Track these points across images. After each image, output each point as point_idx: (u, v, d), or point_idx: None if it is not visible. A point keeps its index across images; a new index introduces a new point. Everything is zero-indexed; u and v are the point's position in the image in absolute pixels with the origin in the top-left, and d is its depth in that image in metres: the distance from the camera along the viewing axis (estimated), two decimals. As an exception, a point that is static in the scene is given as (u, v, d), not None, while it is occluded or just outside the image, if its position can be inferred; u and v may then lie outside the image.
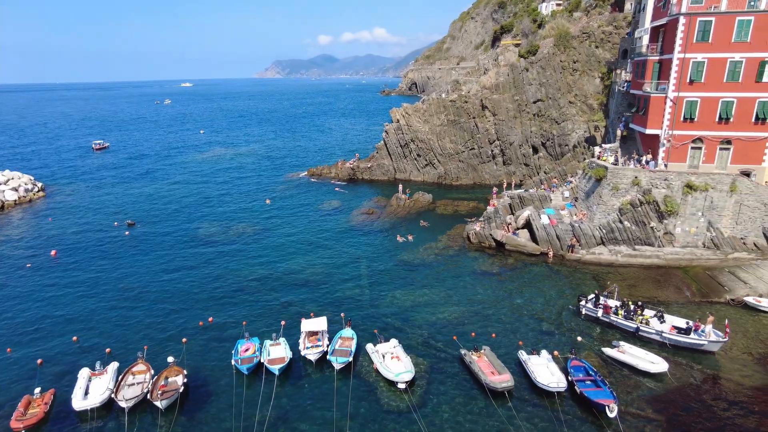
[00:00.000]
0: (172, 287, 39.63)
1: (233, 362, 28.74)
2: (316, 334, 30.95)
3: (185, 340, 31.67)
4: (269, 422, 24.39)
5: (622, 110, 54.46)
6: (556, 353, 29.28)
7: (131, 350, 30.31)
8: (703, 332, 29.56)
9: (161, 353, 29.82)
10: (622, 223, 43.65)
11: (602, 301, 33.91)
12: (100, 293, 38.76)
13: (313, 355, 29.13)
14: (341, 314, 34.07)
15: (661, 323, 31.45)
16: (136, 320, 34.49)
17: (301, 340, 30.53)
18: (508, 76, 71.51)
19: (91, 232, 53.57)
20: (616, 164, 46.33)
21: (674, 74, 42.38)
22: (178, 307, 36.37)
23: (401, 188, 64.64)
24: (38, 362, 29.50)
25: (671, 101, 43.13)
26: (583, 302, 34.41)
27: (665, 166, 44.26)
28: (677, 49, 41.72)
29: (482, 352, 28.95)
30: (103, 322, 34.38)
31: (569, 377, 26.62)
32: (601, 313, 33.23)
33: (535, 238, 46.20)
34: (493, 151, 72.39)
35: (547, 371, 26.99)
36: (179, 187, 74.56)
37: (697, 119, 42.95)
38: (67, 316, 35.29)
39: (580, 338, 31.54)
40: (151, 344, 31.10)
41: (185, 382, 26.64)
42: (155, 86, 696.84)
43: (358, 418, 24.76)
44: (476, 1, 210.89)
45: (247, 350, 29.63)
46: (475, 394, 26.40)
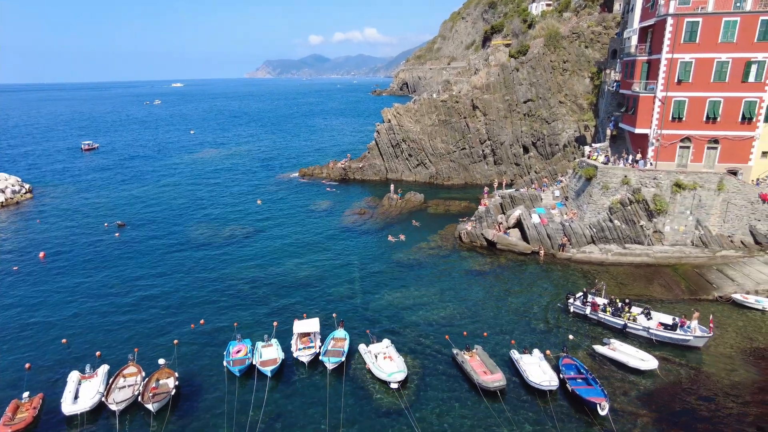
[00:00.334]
0: (162, 289, 39.34)
1: (225, 364, 28.60)
2: (308, 335, 30.88)
3: (176, 341, 31.45)
4: (262, 424, 24.30)
5: (611, 110, 54.91)
6: (548, 352, 29.46)
7: (122, 353, 30.06)
8: (688, 328, 30.03)
9: (152, 355, 29.58)
10: (612, 221, 44.01)
11: (590, 298, 34.26)
12: (89, 295, 38.38)
13: (305, 357, 29.04)
14: (333, 315, 34.05)
15: (648, 320, 31.86)
16: (126, 322, 34.19)
17: (293, 341, 30.44)
18: (498, 76, 71.82)
19: (80, 233, 53.03)
20: (606, 163, 46.70)
21: (662, 74, 42.80)
22: (169, 309, 36.12)
23: (393, 188, 64.71)
24: (26, 366, 29.12)
25: (660, 101, 43.55)
26: (571, 300, 34.78)
27: (651, 164, 44.68)
28: (665, 49, 42.13)
29: (474, 351, 29.04)
30: (92, 324, 34.05)
31: (561, 376, 26.79)
32: (589, 310, 33.59)
33: (526, 237, 46.44)
34: (484, 150, 72.66)
35: (539, 370, 27.13)
36: (169, 187, 74.04)
37: (685, 119, 43.40)
38: (55, 318, 34.90)
39: (571, 336, 31.77)
40: (142, 346, 30.86)
41: (177, 384, 26.46)
42: (146, 86, 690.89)
43: (350, 418, 24.73)
44: (467, 1, 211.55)
45: (238, 352, 29.49)
46: (467, 393, 26.48)
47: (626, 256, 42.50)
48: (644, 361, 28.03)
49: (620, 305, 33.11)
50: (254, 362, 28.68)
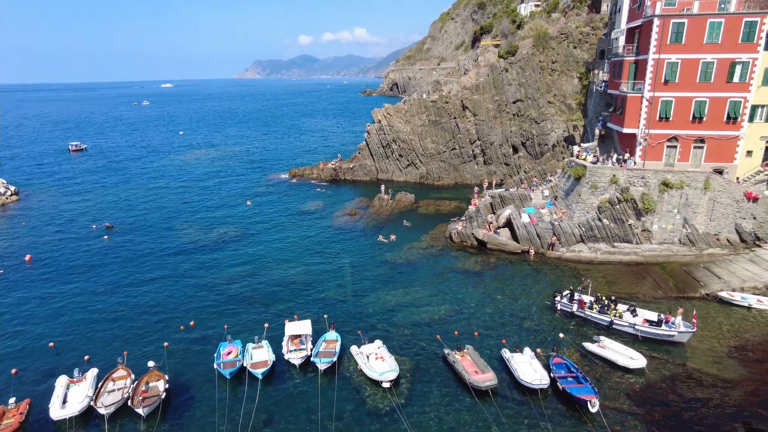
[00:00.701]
0: (152, 291, 39.00)
1: (216, 366, 28.43)
2: (299, 337, 30.78)
3: (166, 344, 31.20)
4: (253, 427, 24.19)
5: (599, 110, 55.40)
6: (538, 350, 29.65)
7: (111, 356, 29.72)
8: (673, 324, 30.48)
9: (142, 358, 29.31)
10: (600, 220, 44.39)
11: (577, 296, 34.58)
12: (77, 298, 37.93)
13: (296, 359, 28.94)
14: (324, 316, 33.98)
15: (633, 316, 32.31)
16: (115, 325, 33.85)
17: (284, 342, 30.32)
18: (488, 76, 72.14)
19: (67, 236, 52.41)
20: (594, 163, 47.10)
21: (649, 74, 43.28)
22: (158, 310, 35.82)
23: (384, 188, 64.74)
24: (13, 372, 28.72)
25: (647, 101, 44.02)
26: (558, 298, 35.10)
27: (635, 163, 45.16)
28: (652, 50, 42.60)
29: (465, 351, 29.15)
30: (81, 327, 33.66)
31: (552, 374, 26.97)
32: (575, 308, 33.93)
33: (516, 236, 46.70)
34: (473, 151, 72.94)
35: (530, 368, 27.29)
36: (158, 189, 73.41)
37: (672, 118, 43.91)
38: (43, 322, 34.46)
39: (561, 335, 31.99)
40: (131, 349, 30.56)
41: (167, 387, 26.27)
42: (135, 87, 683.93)
43: (343, 419, 24.71)
44: (456, 1, 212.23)
45: (229, 353, 29.33)
46: (459, 393, 26.57)
47: (615, 254, 42.90)
48: (633, 359, 28.33)
49: (606, 302, 33.58)
50: (245, 364, 28.53)
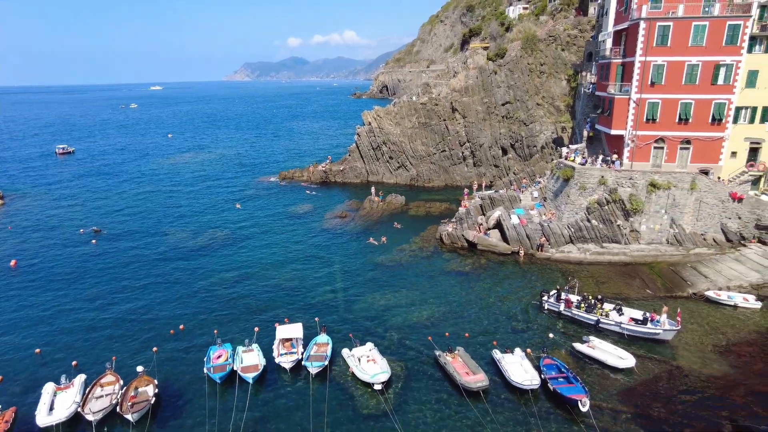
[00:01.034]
0: (140, 295, 38.61)
1: (205, 370, 28.19)
2: (290, 340, 30.64)
3: (155, 348, 30.89)
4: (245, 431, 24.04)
5: (588, 111, 55.91)
6: (528, 351, 29.80)
7: (99, 362, 29.35)
8: (657, 322, 30.90)
9: (131, 363, 28.99)
10: (589, 221, 44.77)
11: (564, 296, 34.84)
12: (64, 303, 37.43)
13: (287, 363, 28.78)
14: (315, 319, 33.88)
15: (619, 315, 32.66)
16: (103, 330, 33.44)
17: (275, 346, 30.15)
18: (477, 78, 72.51)
19: (54, 240, 51.72)
20: (583, 164, 47.51)
21: (636, 76, 43.79)
22: (147, 315, 35.45)
23: (374, 191, 64.74)
24: (-2, 378, 28.32)
25: (634, 102, 44.53)
26: (545, 297, 35.33)
27: (622, 164, 45.63)
28: (639, 52, 43.12)
29: (456, 352, 29.21)
30: (68, 333, 33.20)
31: (542, 375, 27.11)
32: (563, 307, 34.17)
33: (506, 238, 46.93)
34: (463, 152, 73.24)
35: (520, 369, 27.42)
36: (147, 192, 72.74)
37: (658, 120, 44.46)
38: (28, 328, 33.92)
39: (551, 335, 32.20)
40: (119, 354, 30.23)
41: (156, 392, 25.99)
42: (124, 90, 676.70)
43: (335, 422, 24.62)
44: (445, 4, 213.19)
45: (219, 357, 29.11)
46: (450, 394, 26.61)
47: (604, 255, 43.28)
48: (622, 359, 28.60)
49: (593, 302, 33.90)
50: (235, 368, 28.33)
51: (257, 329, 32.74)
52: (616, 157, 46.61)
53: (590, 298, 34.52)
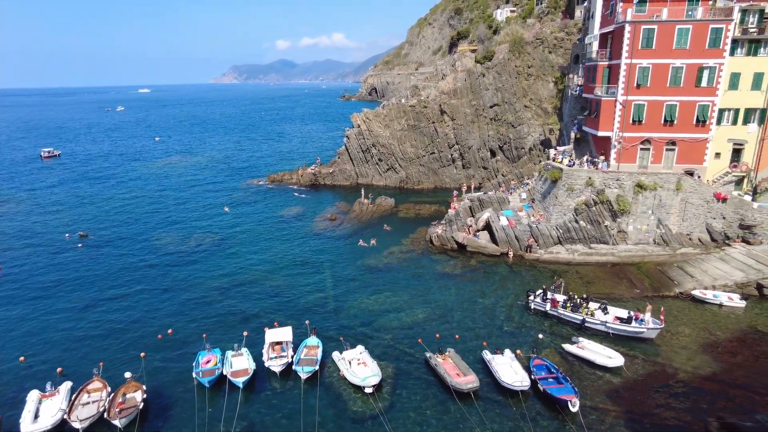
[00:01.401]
0: (128, 300, 38.13)
1: (194, 375, 27.91)
2: (280, 344, 30.46)
3: (143, 354, 30.53)
4: (234, 436, 23.85)
5: (575, 113, 56.43)
6: (518, 352, 29.94)
7: (86, 368, 28.91)
8: (642, 321, 31.25)
9: (118, 369, 28.61)
10: (577, 222, 45.16)
11: (550, 295, 35.09)
12: (49, 309, 36.83)
13: (277, 366, 28.60)
14: (306, 322, 33.73)
15: (605, 314, 32.98)
16: (90, 336, 32.96)
17: (264, 350, 29.95)
18: (465, 81, 72.87)
19: (39, 245, 50.92)
20: (570, 166, 47.92)
21: (622, 79, 44.32)
22: (135, 320, 35.03)
23: (364, 193, 64.72)
24: (-18, 386, 27.77)
25: (621, 104, 45.05)
26: (531, 297, 35.54)
27: (609, 165, 46.11)
28: (624, 55, 43.66)
29: (447, 354, 29.25)
30: (53, 339, 32.68)
31: (532, 376, 27.25)
32: (549, 307, 34.40)
33: (495, 239, 47.16)
34: (452, 155, 73.52)
35: (510, 370, 27.53)
36: (134, 196, 71.95)
37: (644, 122, 45.03)
38: (12, 335, 33.34)
39: (540, 336, 32.39)
40: (107, 360, 29.78)
41: (144, 398, 25.67)
42: (111, 92, 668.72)
43: (325, 426, 24.52)
44: (433, 7, 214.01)
45: (208, 362, 28.85)
46: (441, 396, 26.63)
47: (592, 255, 43.66)
48: (611, 358, 28.86)
49: (579, 301, 34.19)
50: (225, 372, 28.10)
51: (246, 333, 32.48)
52: (603, 158, 47.09)
53: (576, 297, 34.84)
